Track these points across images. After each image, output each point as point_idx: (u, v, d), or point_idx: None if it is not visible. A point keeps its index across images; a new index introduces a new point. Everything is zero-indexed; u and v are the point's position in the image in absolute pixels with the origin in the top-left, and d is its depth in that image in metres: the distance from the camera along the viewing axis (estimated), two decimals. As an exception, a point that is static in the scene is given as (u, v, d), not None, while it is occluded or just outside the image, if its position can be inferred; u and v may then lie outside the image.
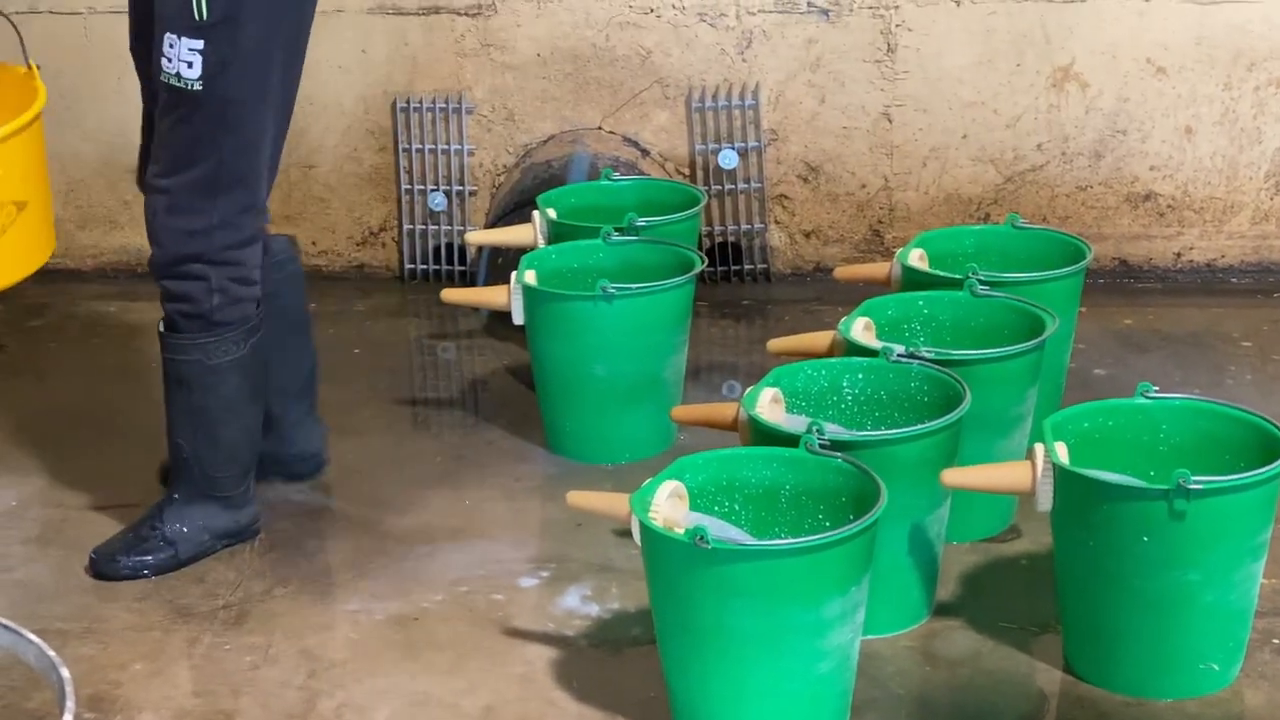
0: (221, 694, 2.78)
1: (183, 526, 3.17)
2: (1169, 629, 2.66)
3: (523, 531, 3.33)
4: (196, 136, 2.98)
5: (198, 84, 2.94)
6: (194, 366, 3.09)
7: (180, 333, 3.08)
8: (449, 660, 2.87)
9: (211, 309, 3.06)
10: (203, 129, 2.98)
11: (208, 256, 3.03)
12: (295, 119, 4.69)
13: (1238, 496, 2.58)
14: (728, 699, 2.55)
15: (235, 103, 2.98)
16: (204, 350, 3.08)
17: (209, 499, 3.18)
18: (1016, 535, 3.23)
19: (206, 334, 3.07)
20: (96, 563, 3.16)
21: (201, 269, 3.03)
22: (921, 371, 3.02)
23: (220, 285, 3.05)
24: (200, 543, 3.19)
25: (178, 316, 3.08)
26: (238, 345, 3.10)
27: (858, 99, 4.57)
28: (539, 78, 4.64)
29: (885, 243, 4.64)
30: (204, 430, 3.14)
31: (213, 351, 3.08)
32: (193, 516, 3.18)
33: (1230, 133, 4.52)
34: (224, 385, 3.11)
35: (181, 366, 3.10)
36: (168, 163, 3.01)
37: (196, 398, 3.11)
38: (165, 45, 2.94)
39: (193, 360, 3.08)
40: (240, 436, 3.18)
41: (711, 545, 2.44)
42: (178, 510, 3.17)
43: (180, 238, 3.02)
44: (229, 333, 3.08)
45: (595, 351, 3.52)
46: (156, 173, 3.03)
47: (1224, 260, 4.61)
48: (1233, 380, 3.94)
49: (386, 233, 4.80)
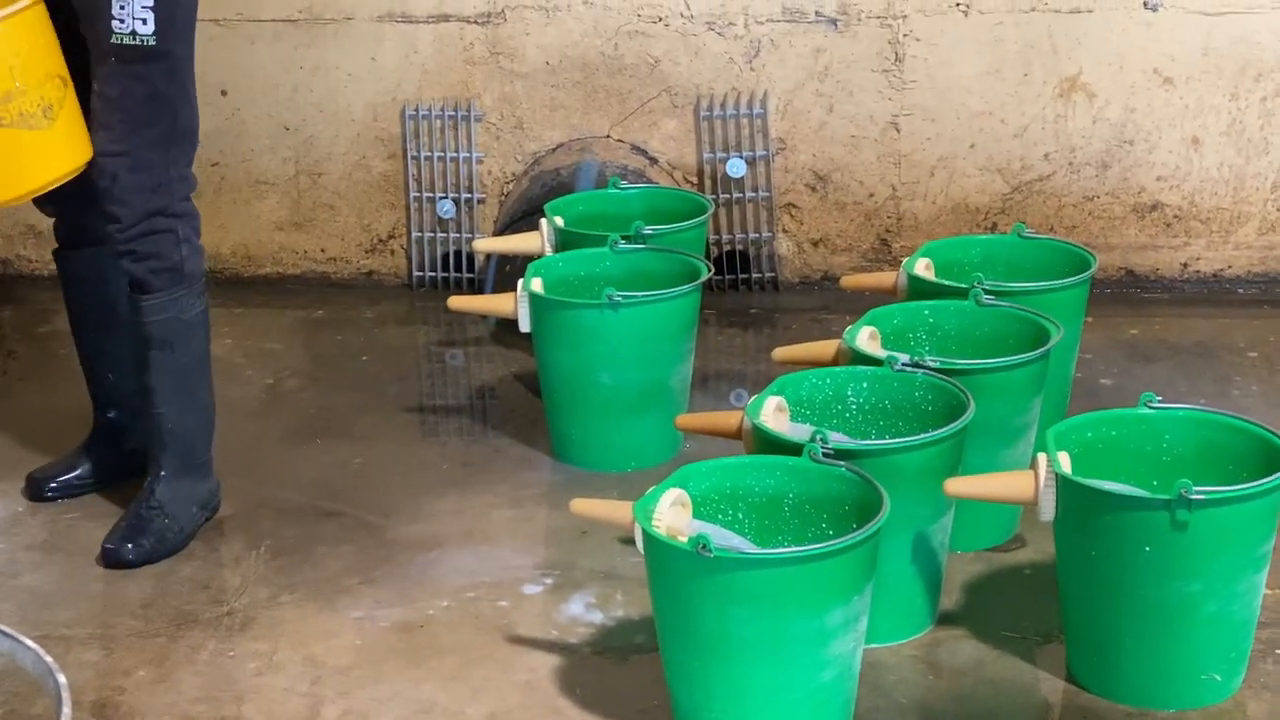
0: (225, 700, 2.79)
1: (176, 500, 3.25)
2: (1171, 639, 2.66)
3: (528, 539, 3.34)
4: (152, 92, 3.09)
5: (152, 39, 3.05)
6: (172, 324, 3.19)
7: (154, 292, 3.17)
8: (453, 667, 2.88)
9: (182, 260, 3.18)
10: (157, 84, 3.09)
11: (170, 209, 3.15)
12: (304, 126, 4.75)
13: (1240, 507, 2.58)
14: (730, 707, 2.55)
15: (181, 57, 3.12)
16: (179, 305, 3.19)
17: (190, 469, 3.29)
18: (1020, 545, 3.23)
19: (180, 287, 3.18)
20: (108, 554, 3.20)
21: (167, 222, 3.15)
22: (926, 381, 3.03)
23: (186, 235, 3.18)
24: (191, 515, 3.29)
25: (149, 275, 3.16)
26: (201, 298, 3.25)
27: (866, 108, 4.58)
28: (548, 86, 4.66)
29: (893, 252, 4.64)
30: (186, 392, 3.25)
31: (185, 305, 3.20)
32: (181, 489, 3.27)
33: (1237, 143, 4.52)
34: (196, 340, 3.25)
35: (162, 326, 3.19)
36: (123, 125, 3.08)
37: (178, 356, 3.22)
38: (115, 7, 3.03)
39: (170, 318, 3.19)
40: (209, 395, 3.32)
41: (714, 553, 2.44)
42: (168, 486, 3.26)
43: (145, 195, 3.11)
44: (196, 284, 3.22)
45: (601, 359, 3.52)
46: (111, 138, 3.09)
47: (1230, 271, 4.62)
48: (1239, 391, 3.94)
49: (395, 240, 4.81)
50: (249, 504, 3.48)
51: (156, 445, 3.27)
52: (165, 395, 3.23)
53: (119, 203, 3.11)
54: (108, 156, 3.10)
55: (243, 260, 4.87)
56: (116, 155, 3.10)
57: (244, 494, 3.50)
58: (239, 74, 4.73)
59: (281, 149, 4.77)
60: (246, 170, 4.81)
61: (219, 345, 4.37)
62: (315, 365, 4.29)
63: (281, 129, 4.76)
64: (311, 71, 4.71)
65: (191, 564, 3.24)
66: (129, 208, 3.11)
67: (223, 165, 4.80)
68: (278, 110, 4.75)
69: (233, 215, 4.83)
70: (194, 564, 3.24)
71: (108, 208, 3.12)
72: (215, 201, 4.81)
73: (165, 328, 3.19)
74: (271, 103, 4.74)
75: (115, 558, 3.20)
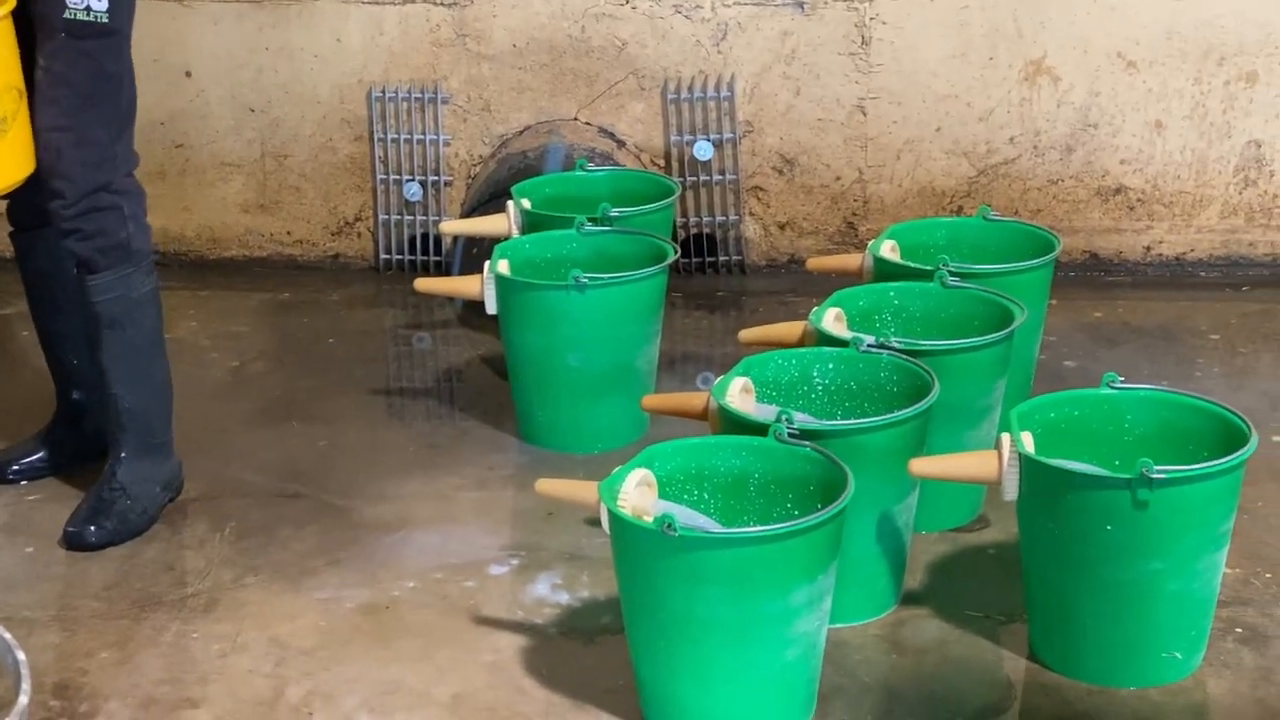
0: (189, 682, 2.78)
1: (138, 481, 3.24)
2: (1132, 617, 2.67)
3: (494, 520, 3.34)
4: (100, 69, 3.09)
5: (105, 16, 3.06)
6: (121, 302, 3.18)
7: (101, 271, 3.16)
8: (419, 648, 2.88)
9: (129, 237, 3.17)
10: (105, 60, 3.09)
11: (114, 185, 3.14)
12: (270, 108, 4.73)
13: (1200, 486, 2.60)
14: (695, 686, 2.56)
15: (125, 35, 3.14)
16: (127, 283, 3.18)
17: (149, 449, 3.28)
18: (984, 525, 3.25)
19: (128, 265, 3.18)
20: (70, 536, 3.19)
21: (111, 199, 3.14)
22: (891, 362, 3.04)
23: (132, 213, 3.18)
24: (154, 496, 3.29)
25: (96, 254, 3.15)
26: (150, 275, 3.24)
27: (833, 91, 4.59)
28: (515, 68, 4.65)
29: (859, 235, 4.65)
30: (139, 371, 3.24)
31: (134, 284, 3.19)
32: (142, 470, 3.27)
33: (1200, 127, 4.54)
34: (147, 318, 3.24)
35: (112, 305, 3.18)
36: (71, 101, 3.08)
37: (130, 335, 3.21)
38: None
39: (119, 296, 3.18)
40: (165, 374, 3.32)
41: (679, 533, 2.45)
42: (128, 467, 3.25)
43: (89, 170, 3.11)
44: (144, 262, 3.21)
45: (568, 341, 3.52)
46: (56, 113, 3.08)
47: (1193, 254, 4.64)
48: (1201, 373, 3.97)
49: (362, 222, 4.80)
50: (214, 486, 3.47)
51: (115, 427, 3.26)
52: (119, 375, 3.22)
53: (63, 178, 3.10)
54: (53, 132, 3.08)
55: (208, 243, 4.85)
56: (62, 130, 3.08)
57: (209, 476, 3.50)
58: (203, 55, 4.71)
59: (246, 131, 4.75)
60: (211, 152, 4.79)
61: (184, 328, 4.36)
62: (281, 348, 4.28)
63: (246, 111, 4.74)
64: (277, 53, 4.69)
65: (155, 546, 3.23)
66: (72, 183, 3.10)
67: (187, 147, 4.78)
68: (242, 92, 4.73)
69: (198, 197, 4.81)
70: (158, 546, 3.23)
71: (52, 183, 3.11)
72: (180, 183, 4.79)
73: (114, 307, 3.18)
74: (236, 84, 4.72)
75: (77, 540, 3.18)
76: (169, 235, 4.80)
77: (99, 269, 3.16)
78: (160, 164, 4.74)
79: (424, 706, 2.71)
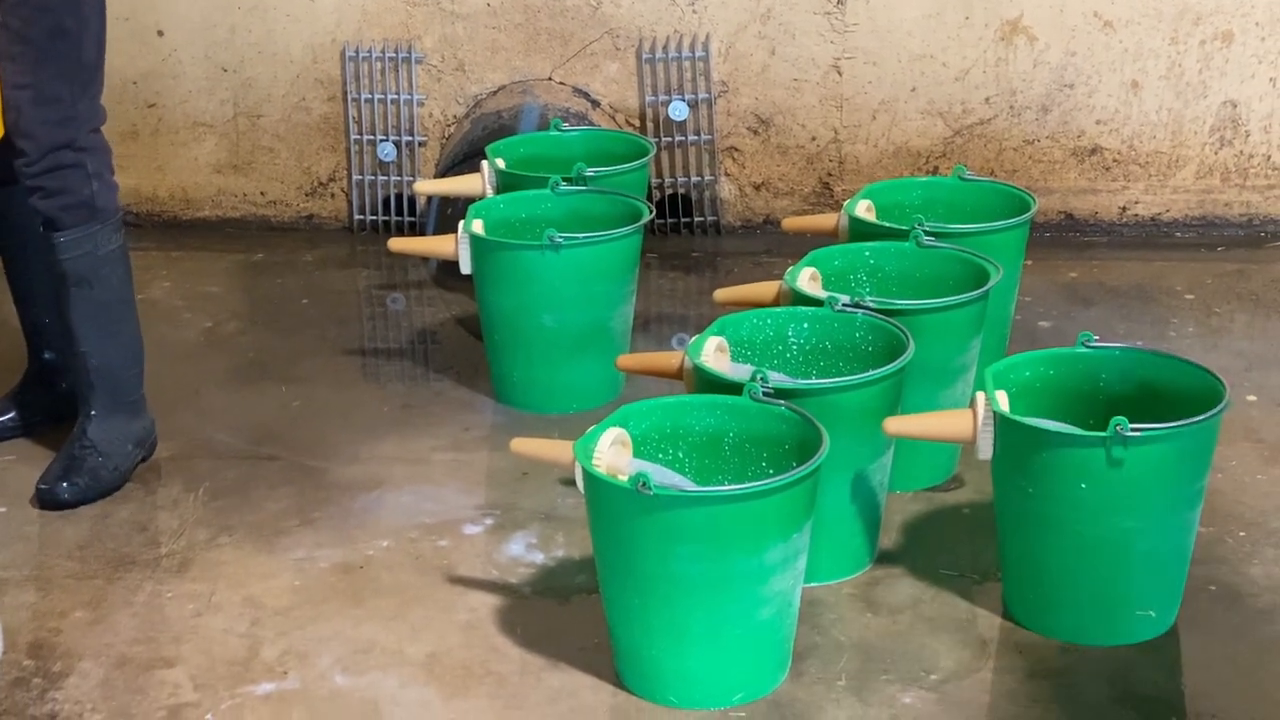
0: (163, 641, 2.78)
1: (109, 439, 3.23)
2: (1106, 576, 2.68)
3: (469, 480, 3.33)
4: (58, 25, 3.05)
5: None
6: (88, 260, 3.16)
7: (67, 229, 3.14)
8: (393, 607, 2.87)
9: (93, 194, 3.14)
10: (63, 16, 3.06)
11: (78, 143, 3.11)
12: (242, 67, 4.70)
13: (1174, 444, 2.61)
14: (669, 644, 2.56)
15: None
16: (94, 240, 3.16)
17: (120, 406, 3.27)
18: (959, 484, 3.25)
19: (94, 223, 3.16)
20: (42, 494, 3.18)
21: (75, 156, 3.11)
22: (866, 321, 3.03)
23: (96, 170, 3.15)
24: (126, 453, 3.27)
25: (60, 213, 3.14)
26: (118, 233, 3.21)
27: (808, 51, 4.57)
28: (489, 28, 4.62)
29: (835, 195, 4.65)
30: (108, 329, 3.22)
31: (101, 241, 3.17)
32: (113, 427, 3.25)
33: (1176, 87, 4.54)
34: (114, 276, 3.22)
35: (78, 263, 3.16)
36: (30, 58, 3.05)
37: (97, 293, 3.19)
38: None
39: (85, 254, 3.16)
40: (134, 330, 3.29)
41: (654, 491, 2.45)
42: (99, 425, 3.24)
43: (51, 128, 3.08)
44: (111, 219, 3.18)
45: (543, 301, 3.51)
46: (15, 70, 3.06)
47: (1169, 214, 4.65)
48: (1175, 333, 3.98)
49: (335, 183, 4.77)
50: (187, 446, 3.45)
51: (84, 385, 3.25)
52: (87, 334, 3.21)
53: (25, 136, 3.08)
54: (14, 89, 3.06)
55: (181, 203, 4.82)
56: (21, 88, 3.06)
57: (183, 436, 3.48)
58: (175, 14, 4.66)
59: (220, 90, 4.72)
60: (184, 112, 4.75)
61: (157, 289, 4.34)
62: (254, 309, 4.26)
63: (219, 70, 4.70)
64: (249, 11, 4.66)
65: (129, 506, 3.22)
66: (34, 141, 3.08)
67: (160, 107, 4.74)
68: (215, 51, 4.69)
69: (170, 158, 4.78)
70: (131, 506, 3.22)
71: (15, 141, 3.09)
72: (152, 144, 4.76)
73: (81, 264, 3.16)
74: (209, 44, 4.68)
75: (49, 497, 3.17)
76: (141, 196, 4.77)
77: (63, 226, 3.14)
78: (132, 124, 4.71)
79: (399, 665, 2.71)
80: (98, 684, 2.66)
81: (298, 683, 2.67)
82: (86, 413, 3.24)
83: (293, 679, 2.68)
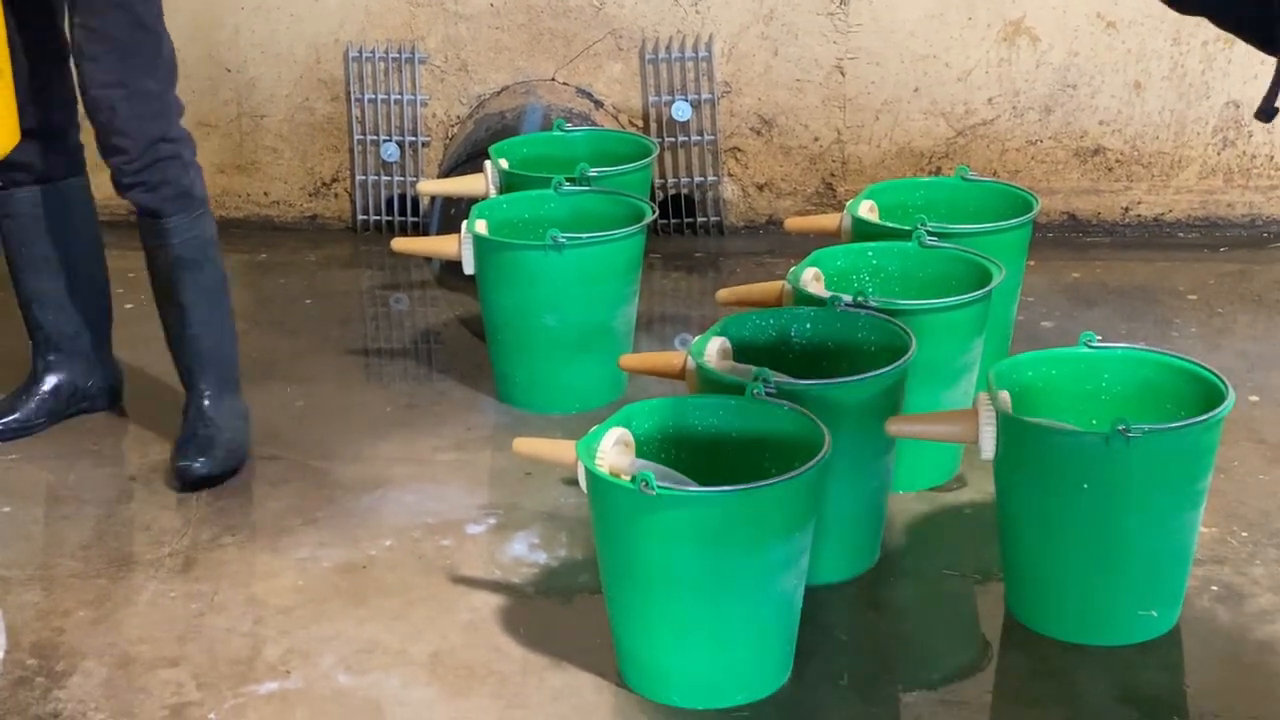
0: (166, 641, 2.78)
1: (227, 416, 3.30)
2: (1108, 575, 2.68)
3: (472, 480, 3.34)
4: (138, 21, 3.08)
5: None
6: (197, 243, 3.23)
7: (174, 215, 3.18)
8: (396, 607, 2.88)
9: (192, 182, 3.21)
10: (141, 12, 3.08)
11: (170, 134, 3.16)
12: (246, 68, 4.70)
13: (1176, 443, 2.61)
14: (672, 644, 2.57)
15: None
16: (200, 225, 3.24)
17: (230, 384, 3.34)
18: (962, 484, 3.26)
19: (199, 208, 3.23)
20: (180, 472, 3.22)
21: (170, 148, 3.16)
22: (869, 321, 3.04)
23: (189, 160, 3.21)
24: (241, 428, 3.34)
25: (163, 204, 3.18)
26: (211, 217, 3.28)
27: (811, 52, 4.57)
28: (492, 28, 4.62)
29: (838, 196, 4.65)
30: (219, 309, 3.30)
31: (205, 225, 3.25)
32: (227, 405, 3.32)
33: (1179, 88, 4.54)
34: (219, 258, 3.30)
35: (190, 246, 3.22)
36: (111, 56, 3.07)
37: (207, 275, 3.26)
38: None
39: (194, 237, 3.22)
40: (232, 311, 3.36)
41: (656, 491, 2.45)
42: (216, 404, 3.30)
43: (147, 123, 3.12)
44: (206, 205, 3.26)
45: (546, 301, 3.52)
46: (100, 69, 3.07)
47: (1171, 215, 4.65)
48: (1178, 333, 3.98)
49: (339, 183, 4.78)
50: (190, 446, 3.46)
51: (196, 367, 3.30)
52: (200, 315, 3.26)
53: (122, 134, 3.10)
54: (103, 89, 3.08)
55: (184, 203, 4.82)
56: (111, 87, 3.08)
57: (185, 436, 3.49)
58: (179, 14, 4.63)
59: (223, 90, 4.72)
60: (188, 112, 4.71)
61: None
62: (258, 309, 4.26)
63: (223, 70, 4.71)
64: (253, 12, 4.66)
65: (132, 506, 3.22)
66: (132, 138, 3.11)
67: (163, 107, 4.74)
68: (218, 51, 4.69)
69: (173, 158, 4.78)
70: (134, 505, 3.22)
71: (111, 140, 3.11)
72: (155, 144, 4.76)
73: (190, 247, 3.22)
74: (212, 44, 4.69)
75: (188, 475, 3.21)
76: (145, 196, 4.77)
77: (167, 215, 3.18)
78: (135, 124, 4.71)
79: (401, 665, 2.71)
80: (101, 683, 2.67)
81: (300, 682, 2.67)
82: (201, 394, 3.29)
83: (295, 678, 2.68)
